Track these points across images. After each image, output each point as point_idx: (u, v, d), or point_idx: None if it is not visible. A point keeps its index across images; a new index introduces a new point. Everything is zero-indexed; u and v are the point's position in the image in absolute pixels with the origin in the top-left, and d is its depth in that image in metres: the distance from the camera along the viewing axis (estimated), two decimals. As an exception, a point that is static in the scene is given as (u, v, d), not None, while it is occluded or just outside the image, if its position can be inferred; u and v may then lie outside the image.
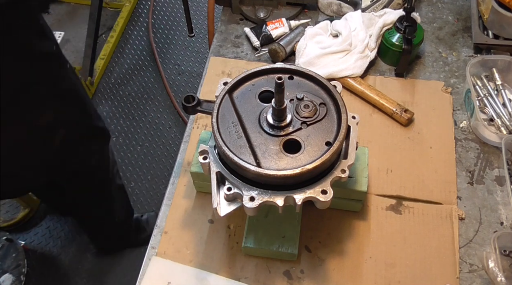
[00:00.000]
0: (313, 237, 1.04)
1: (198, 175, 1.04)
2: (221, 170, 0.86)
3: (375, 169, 1.13)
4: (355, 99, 1.27)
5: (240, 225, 1.06)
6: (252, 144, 0.87)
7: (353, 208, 1.06)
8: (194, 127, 1.23)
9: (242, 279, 0.99)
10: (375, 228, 1.05)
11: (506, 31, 1.32)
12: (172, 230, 1.07)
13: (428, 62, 1.35)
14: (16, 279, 1.96)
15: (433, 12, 1.47)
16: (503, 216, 1.07)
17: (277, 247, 0.99)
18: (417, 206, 1.08)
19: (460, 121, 1.22)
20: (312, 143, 0.86)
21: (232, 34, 1.45)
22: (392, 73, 1.33)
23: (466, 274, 0.99)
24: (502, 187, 1.11)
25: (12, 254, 2.02)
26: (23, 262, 2.01)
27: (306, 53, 1.30)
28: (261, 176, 0.82)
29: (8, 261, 2.00)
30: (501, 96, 1.23)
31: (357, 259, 1.02)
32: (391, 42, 1.28)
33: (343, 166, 0.86)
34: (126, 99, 2.62)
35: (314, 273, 1.00)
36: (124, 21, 2.90)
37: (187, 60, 2.79)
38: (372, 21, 1.34)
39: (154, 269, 1.00)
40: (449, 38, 1.40)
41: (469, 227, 1.05)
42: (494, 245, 0.96)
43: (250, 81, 0.95)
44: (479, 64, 1.26)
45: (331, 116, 0.90)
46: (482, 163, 1.15)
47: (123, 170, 2.33)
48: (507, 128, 1.17)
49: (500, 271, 0.93)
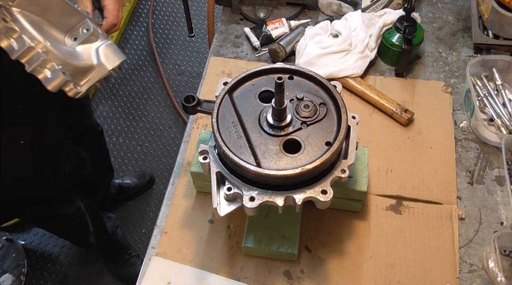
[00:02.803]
0: (313, 237, 1.04)
1: (198, 175, 1.04)
2: (221, 170, 0.86)
3: (375, 169, 1.13)
4: (355, 99, 1.27)
5: (240, 225, 1.06)
6: (252, 144, 0.87)
7: (353, 208, 1.06)
8: (194, 127, 1.23)
9: (242, 279, 0.99)
10: (375, 228, 1.05)
11: (506, 31, 1.32)
12: (172, 230, 1.07)
13: (428, 62, 1.35)
14: (16, 279, 1.96)
15: (433, 12, 1.47)
16: (503, 216, 1.07)
17: (277, 247, 0.99)
18: (417, 206, 1.08)
19: (460, 121, 1.22)
20: (312, 143, 0.86)
21: (232, 34, 1.45)
22: (392, 73, 1.33)
23: (466, 274, 0.99)
24: (502, 187, 1.11)
25: (12, 254, 2.02)
26: (23, 262, 2.01)
27: (306, 53, 1.30)
28: (261, 176, 0.82)
29: (8, 261, 2.00)
30: (501, 96, 1.23)
31: (357, 259, 1.02)
32: (391, 42, 1.28)
33: (343, 166, 0.86)
34: (126, 99, 2.61)
35: (314, 273, 1.00)
36: (124, 21, 2.90)
37: (187, 60, 2.79)
38: (372, 21, 1.34)
39: (154, 269, 1.00)
40: (449, 38, 1.40)
41: (469, 227, 1.05)
42: (494, 245, 0.96)
43: (250, 81, 0.95)
44: (479, 64, 1.26)
45: (331, 116, 0.90)
46: (482, 163, 1.15)
47: (123, 170, 2.33)
48: (507, 128, 1.17)
49: (500, 271, 0.93)
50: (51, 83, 0.80)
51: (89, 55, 0.86)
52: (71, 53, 0.84)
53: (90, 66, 0.86)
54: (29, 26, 0.79)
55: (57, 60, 0.81)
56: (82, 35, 0.86)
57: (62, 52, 0.82)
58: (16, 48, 0.77)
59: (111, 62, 0.86)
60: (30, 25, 0.79)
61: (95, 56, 0.86)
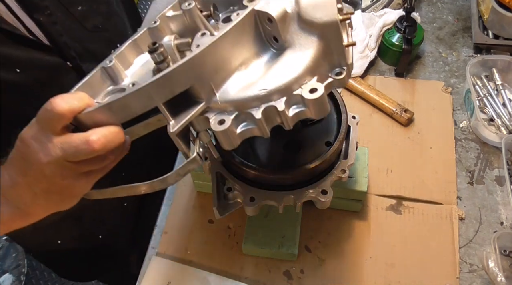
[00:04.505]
0: (313, 237, 1.04)
1: (198, 175, 1.04)
2: (221, 170, 0.86)
3: (375, 169, 1.13)
4: (355, 99, 1.27)
5: (240, 225, 1.06)
6: (252, 144, 0.86)
7: (353, 208, 1.06)
8: (194, 127, 1.23)
9: (242, 279, 0.99)
10: (375, 228, 1.05)
11: (506, 31, 1.31)
12: (172, 230, 1.07)
13: (428, 62, 1.35)
14: (16, 279, 1.96)
15: (433, 12, 1.47)
16: (503, 216, 1.07)
17: (277, 247, 0.99)
18: (417, 206, 1.08)
19: (460, 121, 1.22)
20: (312, 143, 0.86)
21: (232, 34, 1.44)
22: (392, 73, 1.33)
23: (466, 274, 0.99)
24: (502, 187, 1.11)
25: (12, 254, 2.02)
26: (23, 262, 2.01)
27: (306, 53, 1.29)
28: (261, 176, 0.82)
29: (8, 261, 2.00)
30: (501, 96, 1.23)
31: (357, 259, 1.02)
32: (391, 42, 1.28)
33: (343, 166, 0.86)
34: (126, 99, 2.61)
35: (314, 273, 1.00)
36: (124, 21, 2.89)
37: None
38: (372, 21, 1.34)
39: (154, 269, 1.00)
40: (449, 38, 1.40)
41: (469, 227, 1.05)
42: (494, 245, 0.96)
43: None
44: (479, 64, 1.26)
45: (331, 116, 0.90)
46: (482, 163, 1.15)
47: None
48: (507, 128, 1.17)
49: (500, 271, 0.93)
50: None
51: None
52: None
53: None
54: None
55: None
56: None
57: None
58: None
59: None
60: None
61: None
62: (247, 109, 0.60)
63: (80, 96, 0.58)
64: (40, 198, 0.60)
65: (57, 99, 0.55)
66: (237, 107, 0.60)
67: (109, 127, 0.57)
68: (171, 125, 0.59)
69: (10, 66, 0.76)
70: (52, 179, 0.58)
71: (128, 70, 0.65)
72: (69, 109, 0.55)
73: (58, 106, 0.55)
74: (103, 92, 0.63)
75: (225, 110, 0.60)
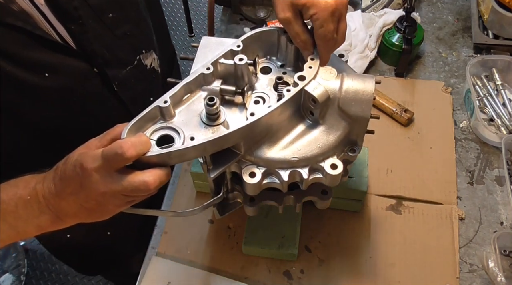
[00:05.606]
0: (313, 237, 1.04)
1: (198, 175, 1.04)
2: (221, 170, 0.86)
3: (375, 169, 1.13)
4: (355, 99, 1.27)
5: (240, 225, 1.06)
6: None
7: (353, 208, 1.06)
8: (194, 127, 1.23)
9: (242, 279, 0.99)
10: (375, 228, 1.05)
11: (506, 31, 1.32)
12: (172, 230, 1.07)
13: (428, 62, 1.35)
14: (16, 279, 1.96)
15: (433, 12, 1.47)
16: (503, 216, 1.07)
17: (277, 247, 0.99)
18: (417, 206, 1.08)
19: (460, 121, 1.22)
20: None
21: (232, 34, 1.44)
22: (392, 73, 1.33)
23: (466, 274, 0.99)
24: (502, 187, 1.11)
25: (12, 254, 2.02)
26: (23, 262, 2.01)
27: (306, 53, 1.29)
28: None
29: (8, 261, 2.00)
30: (501, 96, 1.23)
31: (357, 259, 1.02)
32: (391, 42, 1.28)
33: (343, 166, 0.86)
34: (126, 99, 2.61)
35: (314, 273, 1.00)
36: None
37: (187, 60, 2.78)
38: (372, 21, 1.34)
39: (154, 269, 1.00)
40: (449, 38, 1.40)
41: (469, 227, 1.05)
42: (494, 245, 0.96)
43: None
44: (479, 64, 1.26)
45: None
46: (482, 163, 1.15)
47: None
48: (507, 128, 1.17)
49: (500, 271, 0.93)
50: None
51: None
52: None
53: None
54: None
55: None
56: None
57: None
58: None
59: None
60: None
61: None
62: (275, 168, 0.72)
63: (145, 140, 0.63)
64: (82, 213, 0.66)
65: (127, 144, 0.60)
66: (267, 164, 0.72)
67: (163, 169, 0.64)
68: (210, 172, 0.71)
69: (40, 70, 0.79)
70: (103, 206, 0.64)
71: (178, 109, 0.72)
72: (136, 155, 0.61)
73: (128, 152, 0.60)
74: (153, 126, 0.70)
75: (256, 163, 0.72)
